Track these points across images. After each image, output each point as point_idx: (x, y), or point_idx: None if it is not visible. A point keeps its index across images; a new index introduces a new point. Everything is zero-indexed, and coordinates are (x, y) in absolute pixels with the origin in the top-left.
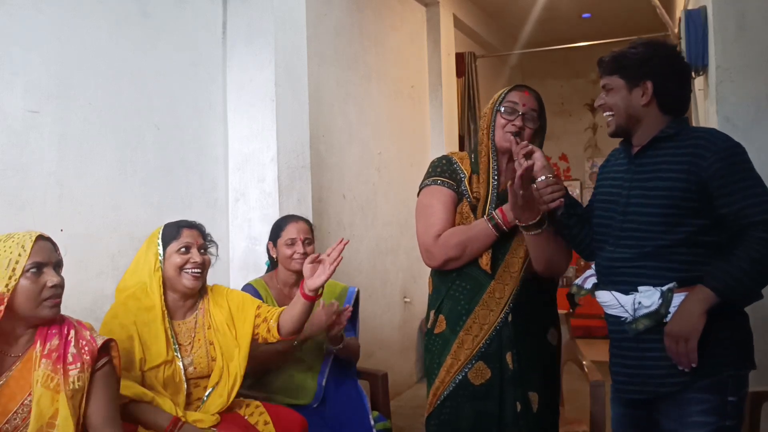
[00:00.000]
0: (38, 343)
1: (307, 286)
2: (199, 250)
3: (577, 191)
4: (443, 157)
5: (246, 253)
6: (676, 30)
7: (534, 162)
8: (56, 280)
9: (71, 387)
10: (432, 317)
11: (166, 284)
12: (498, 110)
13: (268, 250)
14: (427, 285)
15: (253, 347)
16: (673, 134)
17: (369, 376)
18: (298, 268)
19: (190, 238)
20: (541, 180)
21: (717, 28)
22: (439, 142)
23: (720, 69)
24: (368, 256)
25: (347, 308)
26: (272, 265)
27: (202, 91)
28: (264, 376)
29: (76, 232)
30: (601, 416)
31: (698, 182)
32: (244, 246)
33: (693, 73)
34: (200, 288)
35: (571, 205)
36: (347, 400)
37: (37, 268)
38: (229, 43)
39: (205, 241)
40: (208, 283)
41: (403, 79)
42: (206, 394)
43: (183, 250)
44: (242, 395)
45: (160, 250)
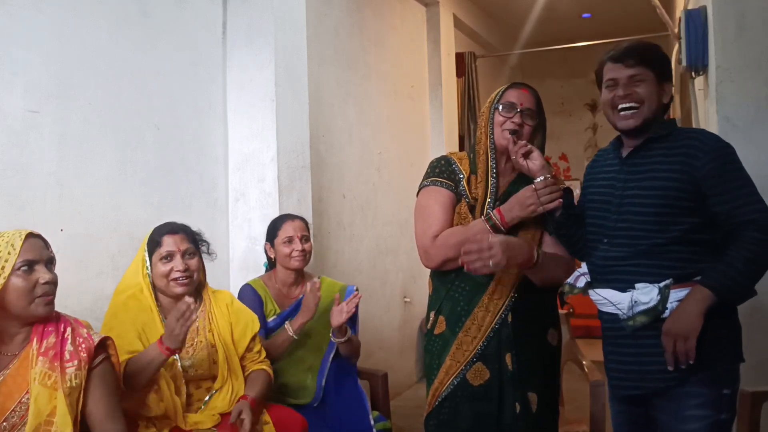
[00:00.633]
0: (35, 341)
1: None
2: (183, 256)
3: (578, 191)
4: (442, 157)
5: (246, 253)
6: (676, 30)
7: (532, 162)
8: (48, 277)
9: (69, 384)
10: (432, 318)
11: (158, 289)
12: (496, 108)
13: (266, 251)
14: (428, 285)
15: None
16: (666, 134)
17: (369, 376)
18: (297, 265)
19: (172, 246)
20: (539, 180)
21: (717, 28)
22: (439, 142)
23: (720, 69)
24: (368, 256)
25: (356, 295)
26: (270, 266)
27: (202, 91)
28: None
29: (76, 232)
30: (601, 416)
31: (691, 182)
32: (244, 246)
33: (693, 73)
34: (198, 288)
35: (569, 205)
36: (347, 400)
37: (28, 266)
38: (229, 43)
39: (192, 243)
40: (209, 284)
41: (403, 79)
42: (209, 395)
43: (165, 258)
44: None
45: (147, 258)
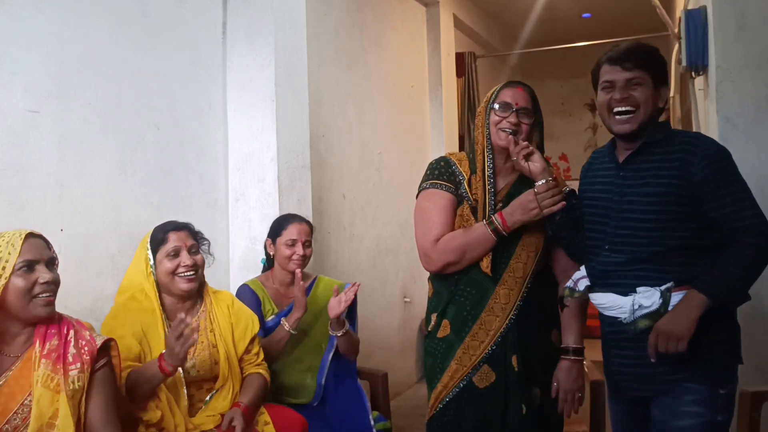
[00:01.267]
0: (37, 343)
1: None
2: (189, 252)
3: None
4: (441, 158)
5: (246, 253)
6: (676, 30)
7: (533, 165)
8: (48, 277)
9: (71, 387)
10: (434, 320)
11: (162, 288)
12: (491, 108)
13: (266, 247)
14: (427, 286)
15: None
16: (662, 139)
17: (369, 376)
18: (294, 269)
19: (177, 242)
20: (540, 184)
21: (717, 28)
22: (439, 142)
23: (720, 69)
24: (368, 256)
25: (355, 284)
26: (268, 262)
27: (202, 91)
28: None
29: (76, 232)
30: (601, 416)
31: (689, 187)
32: (244, 246)
33: (693, 73)
34: (199, 288)
35: (569, 208)
36: (347, 400)
37: (28, 266)
38: (229, 43)
39: (196, 240)
40: (209, 284)
41: (403, 79)
42: (209, 396)
43: (172, 254)
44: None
45: (150, 256)
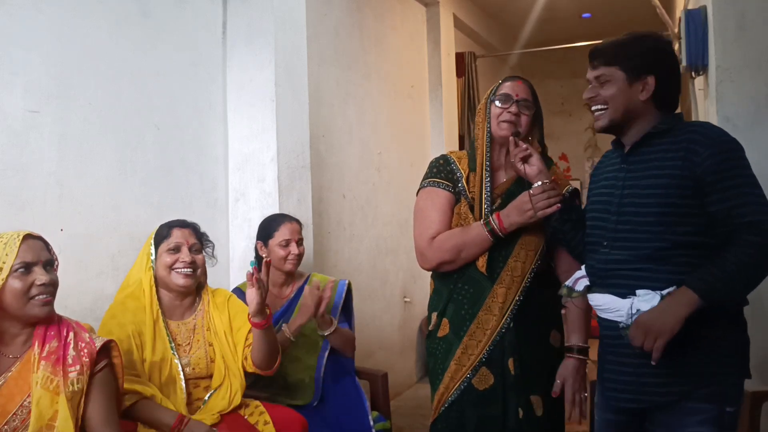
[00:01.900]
0: (36, 344)
1: (253, 314)
2: (190, 250)
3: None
4: (441, 156)
5: (246, 253)
6: (676, 30)
7: (529, 167)
8: (45, 279)
9: (71, 389)
10: (435, 320)
11: (160, 283)
12: (492, 101)
13: (257, 248)
14: (429, 285)
15: None
16: (667, 129)
17: (369, 376)
18: (290, 268)
19: (180, 238)
20: (536, 186)
21: (717, 28)
22: (439, 142)
23: (720, 69)
24: (368, 256)
25: (330, 281)
26: (258, 264)
27: (202, 91)
28: (263, 376)
29: (76, 232)
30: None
31: (693, 178)
32: (244, 246)
33: (693, 73)
34: (198, 288)
35: (566, 210)
36: (347, 400)
37: (25, 268)
38: (229, 43)
39: (199, 240)
40: (209, 284)
41: (403, 79)
42: (207, 395)
43: (172, 250)
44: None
45: (152, 250)
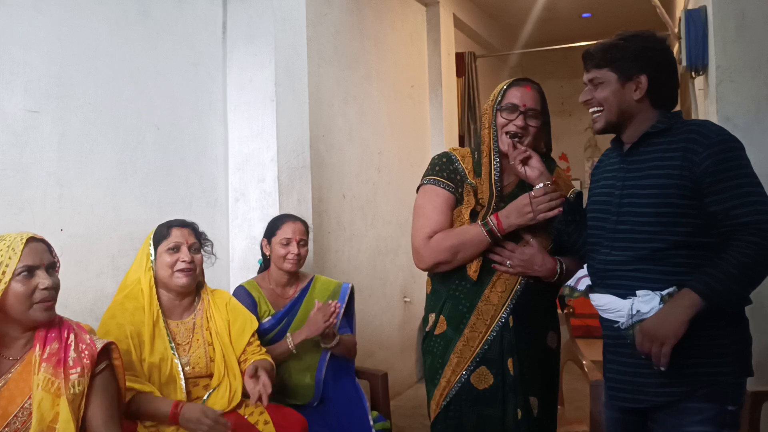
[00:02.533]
0: (37, 346)
1: None
2: (190, 249)
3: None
4: (444, 154)
5: (246, 253)
6: (676, 30)
7: (530, 170)
8: (48, 283)
9: (72, 391)
10: (432, 319)
11: (159, 283)
12: (498, 109)
13: (262, 247)
14: (426, 285)
15: None
16: (665, 129)
17: (369, 376)
18: (289, 268)
19: (179, 238)
20: (538, 188)
21: (717, 28)
22: (439, 142)
23: (720, 69)
24: (368, 256)
25: (336, 305)
26: (265, 263)
27: (202, 91)
28: None
29: (76, 232)
30: (601, 416)
31: (692, 178)
32: (244, 246)
33: (693, 73)
34: (198, 287)
35: (570, 211)
36: (347, 400)
37: (28, 271)
38: (229, 43)
39: (198, 240)
40: (209, 284)
41: (403, 79)
42: (207, 394)
43: (172, 249)
44: (243, 395)
45: (152, 250)
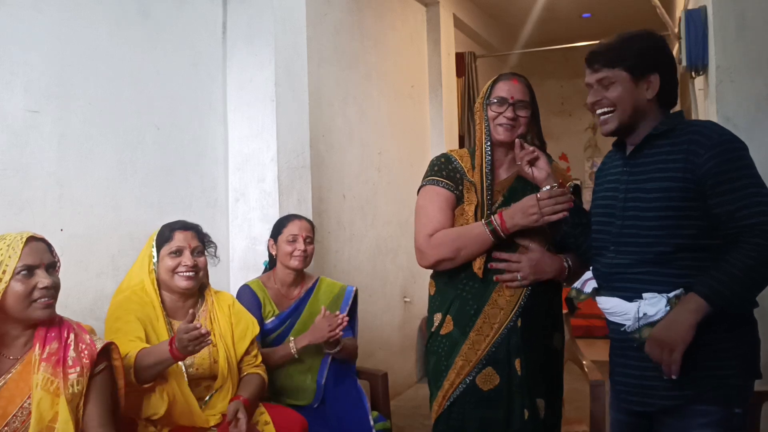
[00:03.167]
0: (37, 346)
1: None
2: (192, 253)
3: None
4: (442, 155)
5: (246, 253)
6: (676, 30)
7: (538, 171)
8: (47, 282)
9: (71, 391)
10: (438, 319)
11: (162, 285)
12: (488, 104)
13: (269, 247)
14: (429, 286)
15: None
16: (668, 130)
17: (369, 376)
18: (296, 265)
19: (182, 242)
20: (544, 191)
21: (717, 28)
22: (439, 142)
23: (720, 69)
24: (368, 256)
25: (344, 317)
26: (270, 263)
27: (202, 91)
28: None
29: (76, 232)
30: (601, 416)
31: (695, 180)
32: (244, 246)
33: (693, 73)
34: (201, 289)
35: (576, 214)
36: (347, 400)
37: (28, 270)
38: (229, 43)
39: (201, 242)
40: (210, 284)
41: (403, 79)
42: (209, 395)
43: (174, 253)
44: None
45: (154, 253)
